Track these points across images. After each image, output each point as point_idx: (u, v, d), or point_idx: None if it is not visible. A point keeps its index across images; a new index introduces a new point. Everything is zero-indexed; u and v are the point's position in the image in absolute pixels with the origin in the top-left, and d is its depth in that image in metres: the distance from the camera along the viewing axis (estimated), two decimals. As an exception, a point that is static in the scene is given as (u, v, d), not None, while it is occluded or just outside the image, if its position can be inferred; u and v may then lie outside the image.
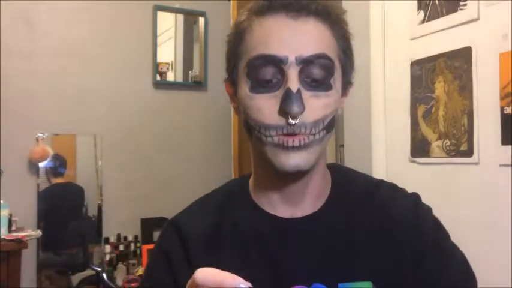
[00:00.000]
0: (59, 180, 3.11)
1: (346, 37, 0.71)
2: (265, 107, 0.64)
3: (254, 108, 0.65)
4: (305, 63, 0.63)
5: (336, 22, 0.69)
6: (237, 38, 0.69)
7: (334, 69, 0.66)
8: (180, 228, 0.73)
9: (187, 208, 0.78)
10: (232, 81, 0.71)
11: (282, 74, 0.64)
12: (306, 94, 0.63)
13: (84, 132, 3.16)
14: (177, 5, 3.40)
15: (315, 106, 0.64)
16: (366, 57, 2.00)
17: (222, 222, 0.72)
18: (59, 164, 3.11)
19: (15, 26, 2.95)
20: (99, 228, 3.15)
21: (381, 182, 0.76)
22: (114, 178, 3.17)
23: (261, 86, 0.65)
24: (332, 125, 0.68)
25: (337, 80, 0.68)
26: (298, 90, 0.62)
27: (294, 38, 0.64)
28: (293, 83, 0.63)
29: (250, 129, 0.67)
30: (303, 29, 0.65)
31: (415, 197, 0.74)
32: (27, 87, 2.97)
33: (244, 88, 0.66)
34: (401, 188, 0.76)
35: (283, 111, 0.63)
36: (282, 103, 0.62)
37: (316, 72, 0.64)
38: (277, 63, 0.63)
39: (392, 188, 0.76)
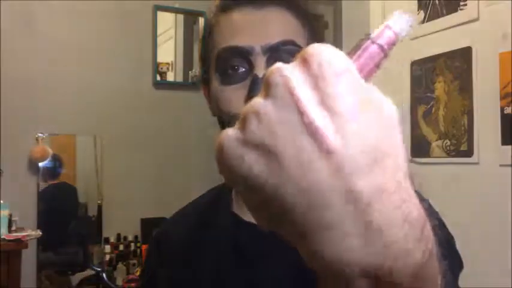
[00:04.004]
0: (55, 181, 3.10)
1: (315, 28, 0.70)
2: (235, 97, 0.63)
3: (224, 100, 0.64)
4: (272, 51, 0.63)
5: (303, 13, 0.68)
6: (206, 36, 0.69)
7: None
8: (159, 242, 0.76)
9: (173, 215, 0.80)
10: (206, 81, 0.71)
11: (250, 64, 0.63)
12: None
13: (84, 132, 3.16)
14: (177, 5, 3.40)
15: None
16: (366, 57, 2.00)
17: (201, 230, 0.72)
18: (56, 164, 3.10)
19: (15, 26, 2.95)
20: (99, 228, 3.15)
21: None
22: (114, 178, 3.17)
23: (229, 77, 0.64)
24: None
25: None
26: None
27: (259, 27, 0.64)
28: (260, 69, 0.62)
29: (224, 125, 0.66)
30: (267, 18, 0.65)
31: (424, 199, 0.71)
32: (27, 88, 2.97)
33: (215, 83, 0.66)
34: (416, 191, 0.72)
35: (251, 98, 0.62)
36: (250, 90, 0.61)
37: (285, 57, 0.63)
38: (244, 54, 0.63)
39: None
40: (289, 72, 0.27)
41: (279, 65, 0.28)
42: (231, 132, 0.28)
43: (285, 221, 0.26)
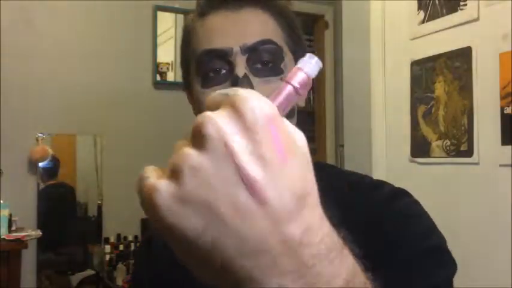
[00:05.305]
0: (53, 182, 3.10)
1: (292, 26, 0.69)
2: None
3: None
4: (251, 51, 0.63)
5: (279, 12, 0.68)
6: (185, 43, 0.70)
7: (283, 54, 0.66)
8: (150, 242, 0.78)
9: None
10: (188, 86, 0.71)
11: (230, 65, 0.63)
12: (255, 80, 0.63)
13: (84, 132, 3.16)
14: (177, 5, 3.40)
15: (267, 91, 0.62)
16: (366, 57, 2.00)
17: None
18: (54, 165, 3.10)
19: (15, 26, 2.95)
20: (99, 228, 3.15)
21: (364, 176, 0.71)
22: (114, 178, 3.17)
23: (210, 80, 0.64)
24: (290, 112, 0.64)
25: (288, 66, 0.66)
26: (245, 75, 0.62)
27: (236, 28, 0.64)
28: (240, 70, 0.62)
29: None
30: (244, 18, 0.65)
31: (399, 189, 0.67)
32: (27, 87, 2.97)
33: (197, 86, 0.66)
34: (388, 183, 0.69)
35: None
36: None
37: (264, 56, 0.64)
38: (223, 56, 0.63)
39: (377, 180, 0.70)
40: (223, 122, 0.28)
41: (209, 113, 0.28)
42: (163, 187, 0.28)
43: (224, 269, 0.28)
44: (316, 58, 0.34)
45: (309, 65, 0.33)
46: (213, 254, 0.27)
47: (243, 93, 0.29)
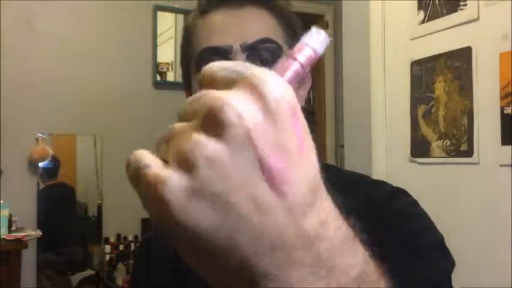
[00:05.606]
0: (53, 182, 3.10)
1: (292, 26, 0.70)
2: None
3: None
4: (251, 49, 0.64)
5: (279, 11, 0.68)
6: (185, 42, 0.70)
7: (282, 53, 0.66)
8: (150, 242, 0.78)
9: None
10: (187, 86, 0.71)
11: None
12: None
13: (84, 132, 3.16)
14: (177, 5, 3.40)
15: None
16: (366, 57, 2.00)
17: None
18: (54, 165, 3.10)
19: (15, 26, 2.95)
20: (99, 228, 3.15)
21: (364, 176, 0.72)
22: (114, 178, 3.17)
23: None
24: None
25: None
26: None
27: (237, 26, 0.65)
28: None
29: None
30: (245, 17, 0.66)
31: (398, 188, 0.68)
32: (27, 87, 2.97)
33: (196, 84, 0.67)
34: (388, 183, 0.70)
35: None
36: None
37: (264, 55, 0.64)
38: (223, 53, 0.64)
39: (376, 180, 0.70)
40: (244, 108, 0.25)
41: (225, 96, 0.25)
42: (173, 179, 0.25)
43: (239, 268, 0.26)
44: (323, 32, 0.30)
45: (317, 40, 0.30)
46: (227, 253, 0.25)
47: (262, 75, 0.26)
